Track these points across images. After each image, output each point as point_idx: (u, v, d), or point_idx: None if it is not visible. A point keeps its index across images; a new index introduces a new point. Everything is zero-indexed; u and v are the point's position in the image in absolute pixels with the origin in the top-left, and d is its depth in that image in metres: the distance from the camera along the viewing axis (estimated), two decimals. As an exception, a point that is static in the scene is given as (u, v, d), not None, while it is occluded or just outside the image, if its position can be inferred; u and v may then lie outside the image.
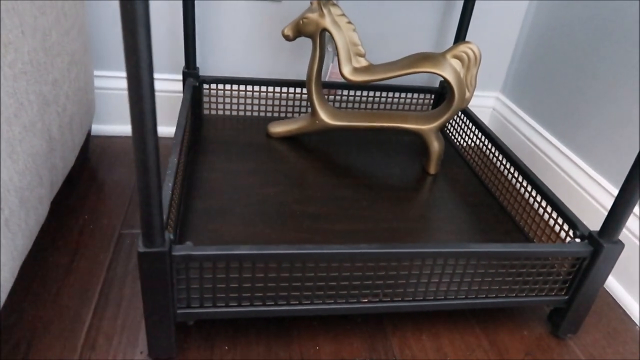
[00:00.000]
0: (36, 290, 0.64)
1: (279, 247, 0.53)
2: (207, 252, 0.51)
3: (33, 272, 0.67)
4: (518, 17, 1.06)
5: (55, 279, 0.66)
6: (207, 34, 0.97)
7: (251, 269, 0.53)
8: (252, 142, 0.92)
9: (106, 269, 0.69)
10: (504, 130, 1.10)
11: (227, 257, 0.52)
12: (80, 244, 0.73)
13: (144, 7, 0.37)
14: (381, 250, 0.55)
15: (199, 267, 0.52)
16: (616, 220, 0.57)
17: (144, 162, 0.44)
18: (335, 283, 0.56)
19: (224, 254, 0.52)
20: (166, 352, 0.56)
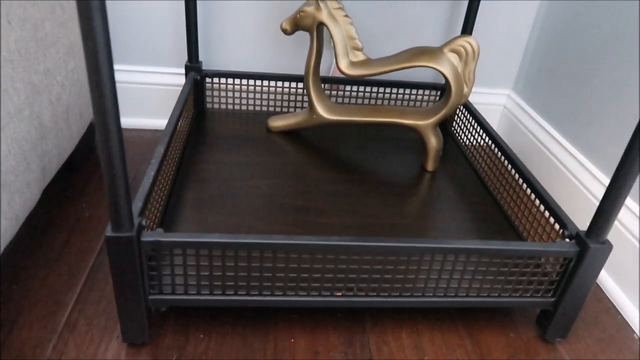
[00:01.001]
0: (27, 272, 0.66)
1: (248, 236, 0.53)
2: (175, 238, 0.52)
3: (25, 255, 0.69)
4: (530, 14, 1.02)
5: (45, 262, 0.68)
6: (211, 28, 0.98)
7: (221, 258, 0.53)
8: (251, 136, 0.92)
9: (96, 255, 0.71)
10: (513, 128, 1.07)
11: (196, 245, 0.52)
12: (74, 230, 0.75)
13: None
14: (352, 243, 0.54)
15: (169, 254, 0.53)
16: (603, 221, 0.55)
17: (107, 146, 0.44)
18: (308, 275, 0.56)
19: (192, 241, 0.52)
20: (139, 337, 0.57)
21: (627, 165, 0.51)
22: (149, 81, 1.01)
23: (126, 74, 1.00)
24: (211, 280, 0.55)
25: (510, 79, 1.11)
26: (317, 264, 0.55)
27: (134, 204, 0.55)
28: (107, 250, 0.50)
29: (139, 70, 1.01)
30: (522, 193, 0.73)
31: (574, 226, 0.60)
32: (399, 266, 0.56)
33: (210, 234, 0.52)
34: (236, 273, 0.55)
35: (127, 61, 1.00)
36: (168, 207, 0.71)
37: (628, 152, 0.50)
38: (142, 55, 0.99)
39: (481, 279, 0.58)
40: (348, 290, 0.58)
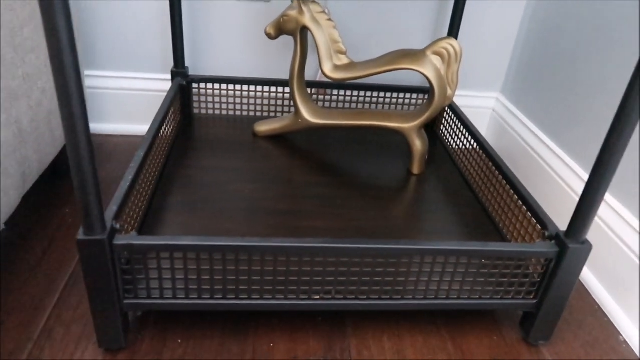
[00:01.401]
0: (6, 277, 0.66)
1: (221, 239, 0.52)
2: (148, 242, 0.51)
3: (5, 262, 0.68)
4: (517, 16, 1.02)
5: (26, 268, 0.68)
6: (197, 34, 0.99)
7: (196, 261, 0.53)
8: (237, 141, 0.92)
9: (77, 261, 0.70)
10: (502, 131, 1.07)
11: (169, 247, 0.52)
12: (56, 236, 0.74)
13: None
14: (327, 245, 0.53)
15: (142, 258, 0.52)
16: (581, 221, 0.54)
17: (76, 149, 0.44)
18: (284, 278, 0.55)
19: (166, 244, 0.52)
20: (115, 343, 0.56)
21: (602, 166, 0.50)
22: (137, 87, 1.01)
23: (113, 80, 1.00)
24: (187, 284, 0.55)
25: (498, 82, 1.11)
26: (294, 267, 0.55)
27: (109, 207, 0.55)
28: (79, 254, 0.49)
29: (127, 76, 1.01)
30: (506, 195, 0.73)
31: (555, 227, 0.59)
32: (377, 268, 0.56)
33: (183, 237, 0.52)
34: (212, 277, 0.54)
35: (115, 68, 1.00)
36: (149, 212, 0.71)
37: (603, 153, 0.50)
38: (129, 61, 1.00)
39: (461, 280, 0.58)
40: (326, 294, 0.57)
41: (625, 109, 0.47)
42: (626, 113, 0.47)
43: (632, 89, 0.46)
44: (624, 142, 0.49)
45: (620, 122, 0.48)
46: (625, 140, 0.49)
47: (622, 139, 0.49)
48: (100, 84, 1.00)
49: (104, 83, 1.00)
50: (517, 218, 0.69)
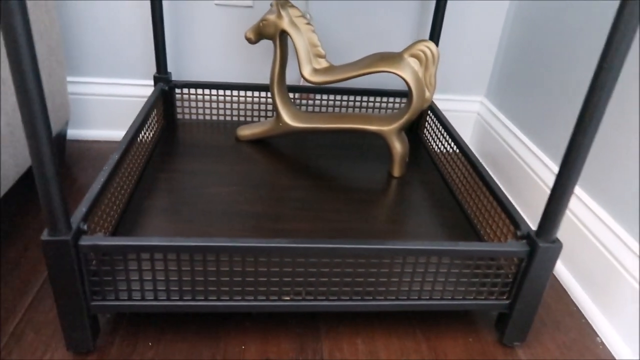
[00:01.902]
0: (-21, 282, 0.66)
1: (188, 240, 0.52)
2: (114, 242, 0.51)
3: (-20, 266, 0.68)
4: (499, 20, 1.03)
5: (2, 272, 0.68)
6: (181, 40, 0.99)
7: (163, 262, 0.53)
8: (219, 145, 0.92)
9: (52, 264, 0.70)
10: (486, 135, 1.07)
11: (136, 248, 0.52)
12: (32, 241, 0.74)
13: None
14: (294, 245, 0.53)
15: (109, 259, 0.52)
16: (551, 219, 0.54)
17: (37, 149, 0.44)
18: (253, 279, 0.55)
19: (132, 245, 0.51)
20: (83, 345, 0.56)
21: (568, 165, 0.50)
22: (121, 93, 1.02)
23: (98, 86, 1.01)
24: (155, 286, 0.54)
25: (482, 86, 1.11)
26: (262, 267, 0.54)
27: (78, 209, 0.55)
28: (44, 255, 0.49)
29: (111, 82, 1.01)
30: (484, 196, 0.72)
31: (527, 226, 0.59)
32: (347, 269, 0.56)
33: (150, 238, 0.52)
34: (180, 278, 0.54)
35: (99, 74, 1.00)
36: (125, 214, 0.71)
37: (569, 152, 0.50)
38: (113, 68, 1.00)
39: (432, 281, 0.57)
40: (296, 295, 0.57)
41: (589, 109, 0.47)
42: (589, 113, 0.47)
43: (594, 89, 0.46)
44: (587, 142, 0.49)
45: (583, 121, 0.48)
46: (589, 140, 0.49)
47: (586, 139, 0.49)
48: (84, 90, 1.00)
49: (88, 89, 1.01)
50: (493, 219, 0.68)
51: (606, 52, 0.44)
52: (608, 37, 0.44)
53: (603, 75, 0.45)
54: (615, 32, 0.43)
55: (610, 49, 0.44)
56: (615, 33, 0.43)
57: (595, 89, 0.46)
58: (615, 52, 0.44)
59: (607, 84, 0.45)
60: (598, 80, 0.46)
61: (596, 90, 0.46)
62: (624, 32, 0.43)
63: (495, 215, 0.68)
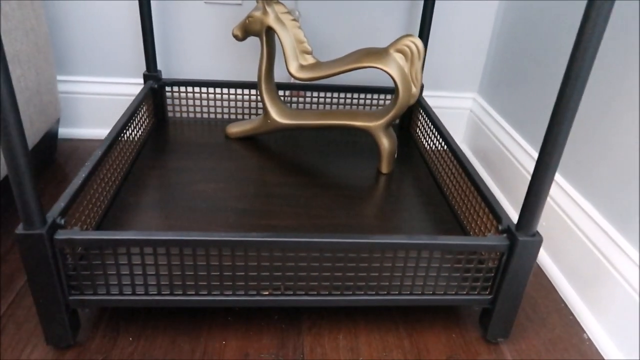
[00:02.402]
0: (-36, 278, 0.66)
1: (162, 233, 0.52)
2: (89, 236, 0.51)
3: (-34, 262, 0.69)
4: (490, 15, 1.02)
5: (-15, 268, 0.68)
6: (171, 38, 0.99)
7: (140, 256, 0.53)
8: (208, 143, 0.92)
9: (37, 261, 0.70)
10: (478, 132, 1.06)
11: (111, 242, 0.52)
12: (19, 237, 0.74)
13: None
14: (272, 239, 0.53)
15: (86, 253, 0.52)
16: (530, 213, 0.53)
17: (9, 144, 0.44)
18: (231, 273, 0.55)
19: (106, 239, 0.51)
20: (63, 340, 0.56)
21: (545, 159, 0.50)
22: (111, 92, 1.02)
23: (88, 85, 1.01)
24: (132, 280, 0.54)
25: (475, 82, 1.10)
26: (240, 262, 0.54)
27: (56, 204, 0.55)
28: (19, 249, 0.49)
29: (101, 81, 1.02)
30: (469, 192, 0.72)
31: (508, 220, 0.58)
32: (325, 263, 0.55)
33: (125, 232, 0.52)
34: (157, 272, 0.54)
35: (89, 73, 1.01)
36: (110, 210, 0.71)
37: (545, 145, 0.49)
38: (103, 66, 1.01)
39: (412, 275, 0.57)
40: (276, 289, 0.57)
41: (563, 100, 0.47)
42: (563, 104, 0.47)
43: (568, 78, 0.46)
44: (563, 135, 0.48)
45: (559, 113, 0.48)
46: (564, 134, 0.48)
47: (562, 133, 0.48)
48: (74, 88, 1.01)
49: (79, 88, 1.01)
50: (478, 214, 0.68)
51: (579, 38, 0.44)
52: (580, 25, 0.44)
53: (576, 65, 0.44)
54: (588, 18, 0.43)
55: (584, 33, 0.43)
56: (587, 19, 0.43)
57: (569, 79, 0.46)
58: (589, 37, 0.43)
59: (580, 75, 0.45)
60: (572, 71, 0.45)
61: (570, 80, 0.46)
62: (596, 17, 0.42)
63: (480, 211, 0.67)
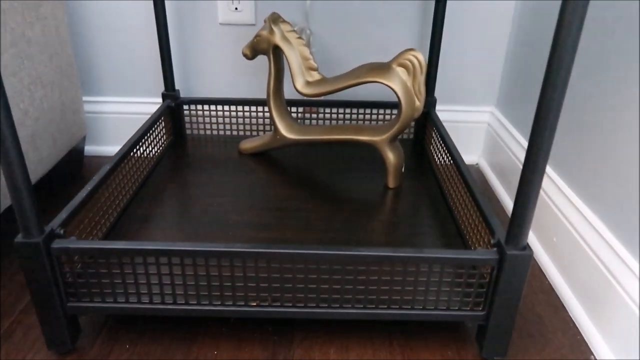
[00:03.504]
0: (-17, 285, 0.71)
1: (152, 243, 0.54)
2: (84, 245, 0.54)
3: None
4: (506, 26, 1.01)
5: (4, 274, 0.72)
6: (189, 58, 1.04)
7: (131, 265, 0.55)
8: (222, 159, 0.95)
9: (52, 270, 0.74)
10: (496, 146, 1.04)
11: (103, 252, 0.54)
12: (38, 247, 0.79)
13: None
14: (254, 250, 0.54)
15: (84, 262, 0.55)
16: (518, 226, 0.52)
17: (7, 156, 0.48)
18: (218, 283, 0.56)
19: (99, 248, 0.54)
20: (62, 346, 0.59)
21: (530, 168, 0.48)
22: (132, 111, 1.07)
23: (112, 105, 1.07)
24: (126, 289, 0.56)
25: (492, 95, 1.08)
26: (226, 272, 0.55)
27: (58, 215, 0.58)
28: (18, 256, 0.53)
29: (123, 101, 1.07)
30: (471, 206, 0.70)
31: (501, 234, 0.57)
32: (310, 275, 0.56)
33: (117, 242, 0.54)
34: (148, 281, 0.56)
35: (112, 93, 1.06)
36: (119, 222, 0.74)
37: (530, 153, 0.48)
38: (125, 87, 1.06)
39: (400, 289, 0.56)
40: (273, 300, 0.57)
41: (541, 112, 0.46)
42: (543, 114, 0.46)
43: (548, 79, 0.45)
44: (547, 144, 0.47)
45: (539, 125, 0.46)
46: (547, 143, 0.47)
47: (544, 144, 0.47)
48: (100, 108, 1.07)
49: (104, 108, 1.07)
50: (477, 228, 0.66)
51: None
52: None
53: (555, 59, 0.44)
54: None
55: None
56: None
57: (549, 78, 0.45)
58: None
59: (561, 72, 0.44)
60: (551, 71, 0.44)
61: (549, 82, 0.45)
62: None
63: (480, 225, 0.65)
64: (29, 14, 0.77)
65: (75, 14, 0.99)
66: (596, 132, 0.69)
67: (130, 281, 0.56)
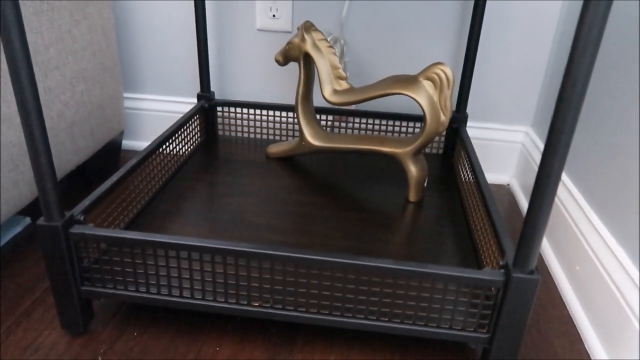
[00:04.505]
0: (16, 263, 0.75)
1: (162, 236, 0.56)
2: (99, 232, 0.57)
3: (19, 248, 0.78)
4: (546, 43, 0.98)
5: (32, 257, 0.77)
6: (226, 62, 1.07)
7: (142, 255, 0.57)
8: (250, 161, 0.97)
9: (77, 255, 0.78)
10: (527, 168, 1.01)
11: (117, 241, 0.56)
12: (68, 233, 0.83)
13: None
14: (262, 251, 0.55)
15: (96, 248, 0.58)
16: (525, 249, 0.50)
17: (33, 144, 0.51)
18: (223, 281, 0.57)
19: (113, 237, 0.56)
20: (74, 327, 0.62)
21: (540, 190, 0.47)
22: (170, 109, 1.11)
23: (150, 102, 1.11)
24: (136, 278, 0.59)
25: (528, 115, 1.05)
26: (231, 270, 0.57)
27: (81, 202, 0.61)
28: (39, 238, 0.56)
29: (162, 99, 1.11)
30: (488, 225, 0.69)
31: (511, 255, 0.55)
32: (312, 280, 0.56)
33: (130, 232, 0.57)
34: (157, 273, 0.58)
35: (152, 91, 1.11)
36: (142, 215, 0.77)
37: (540, 175, 0.47)
38: (164, 86, 1.10)
39: (402, 303, 0.56)
40: (265, 302, 0.58)
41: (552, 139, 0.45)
42: (554, 139, 0.45)
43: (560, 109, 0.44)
44: (558, 168, 0.46)
45: (550, 147, 0.45)
46: (558, 167, 0.45)
47: (555, 166, 0.45)
48: (139, 105, 1.12)
49: (143, 105, 1.12)
50: (492, 248, 0.65)
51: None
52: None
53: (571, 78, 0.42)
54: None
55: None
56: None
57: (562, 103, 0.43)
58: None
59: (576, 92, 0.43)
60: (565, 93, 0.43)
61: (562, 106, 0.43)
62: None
63: (494, 245, 0.64)
64: (76, 13, 0.82)
65: (123, 14, 1.04)
66: (633, 167, 0.66)
67: (141, 271, 0.58)
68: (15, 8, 0.45)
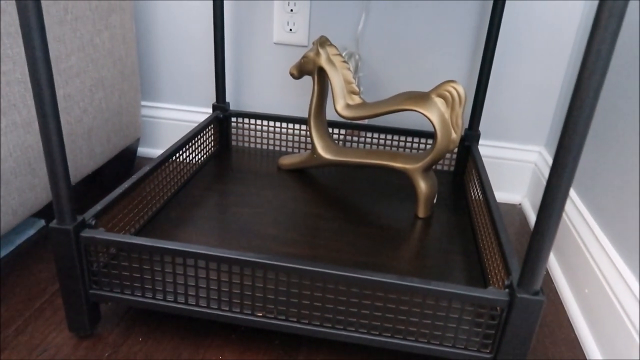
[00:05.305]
0: (29, 265, 0.77)
1: (171, 244, 0.57)
2: (108, 237, 0.58)
3: (33, 250, 0.80)
4: (562, 63, 0.98)
5: (45, 259, 0.78)
6: (242, 74, 1.09)
7: (149, 262, 0.58)
8: (261, 172, 0.98)
9: (88, 258, 0.79)
10: (540, 189, 1.00)
11: (125, 246, 0.57)
12: (80, 236, 0.85)
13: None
14: (267, 262, 0.55)
15: (105, 252, 0.59)
16: (531, 268, 0.50)
17: (49, 149, 0.53)
18: (227, 290, 0.58)
19: (121, 242, 0.57)
20: (81, 329, 0.63)
21: (546, 210, 0.47)
22: (185, 118, 1.13)
23: (167, 111, 1.13)
24: (142, 283, 0.60)
25: (542, 135, 1.05)
26: (236, 280, 0.57)
27: (93, 207, 0.63)
28: (51, 240, 0.57)
29: (178, 108, 1.13)
30: (496, 244, 0.68)
31: (517, 275, 0.55)
32: (315, 293, 0.56)
33: (138, 238, 0.58)
34: (163, 279, 0.59)
35: (169, 101, 1.13)
36: (153, 221, 0.78)
37: (547, 193, 0.47)
38: (181, 96, 1.13)
39: (405, 319, 0.56)
40: (268, 312, 0.59)
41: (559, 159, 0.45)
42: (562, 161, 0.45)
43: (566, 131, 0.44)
44: (564, 187, 0.45)
45: (557, 169, 0.45)
46: (565, 186, 0.45)
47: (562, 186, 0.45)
48: (156, 113, 1.14)
49: (160, 113, 1.14)
50: (499, 268, 0.64)
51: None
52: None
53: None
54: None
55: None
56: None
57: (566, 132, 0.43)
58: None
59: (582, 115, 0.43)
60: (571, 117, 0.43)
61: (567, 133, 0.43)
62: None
63: (501, 264, 0.63)
64: (99, 22, 0.84)
65: (143, 24, 1.07)
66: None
67: (148, 277, 0.59)
68: (39, 16, 0.47)
